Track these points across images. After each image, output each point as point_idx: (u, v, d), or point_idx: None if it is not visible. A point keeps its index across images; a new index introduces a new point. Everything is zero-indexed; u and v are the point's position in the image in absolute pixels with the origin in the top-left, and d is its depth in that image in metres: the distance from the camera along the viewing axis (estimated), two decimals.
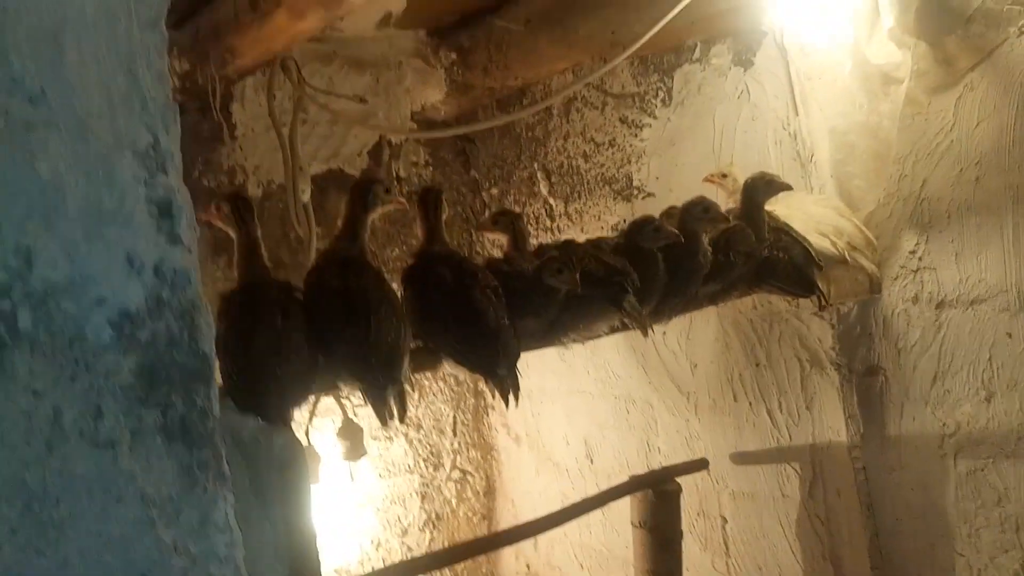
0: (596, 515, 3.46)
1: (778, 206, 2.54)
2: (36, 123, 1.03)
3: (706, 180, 2.61)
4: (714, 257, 2.09)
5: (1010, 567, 2.42)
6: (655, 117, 3.12)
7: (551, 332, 1.88)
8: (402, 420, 1.60)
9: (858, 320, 2.64)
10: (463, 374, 1.78)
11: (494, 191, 3.84)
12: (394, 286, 1.79)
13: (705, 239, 2.06)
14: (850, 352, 2.66)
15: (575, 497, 3.69)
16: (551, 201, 3.57)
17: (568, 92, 3.17)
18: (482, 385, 2.85)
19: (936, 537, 2.56)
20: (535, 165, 3.61)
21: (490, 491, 4.06)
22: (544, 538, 3.81)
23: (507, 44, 3.05)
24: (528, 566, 4.01)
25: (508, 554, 4.02)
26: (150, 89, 1.16)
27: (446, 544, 3.87)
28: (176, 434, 1.19)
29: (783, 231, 2.36)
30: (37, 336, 1.06)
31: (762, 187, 2.27)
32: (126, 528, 1.14)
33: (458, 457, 3.96)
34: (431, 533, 3.82)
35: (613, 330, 1.92)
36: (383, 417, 1.56)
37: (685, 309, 2.13)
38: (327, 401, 2.71)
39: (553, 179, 3.55)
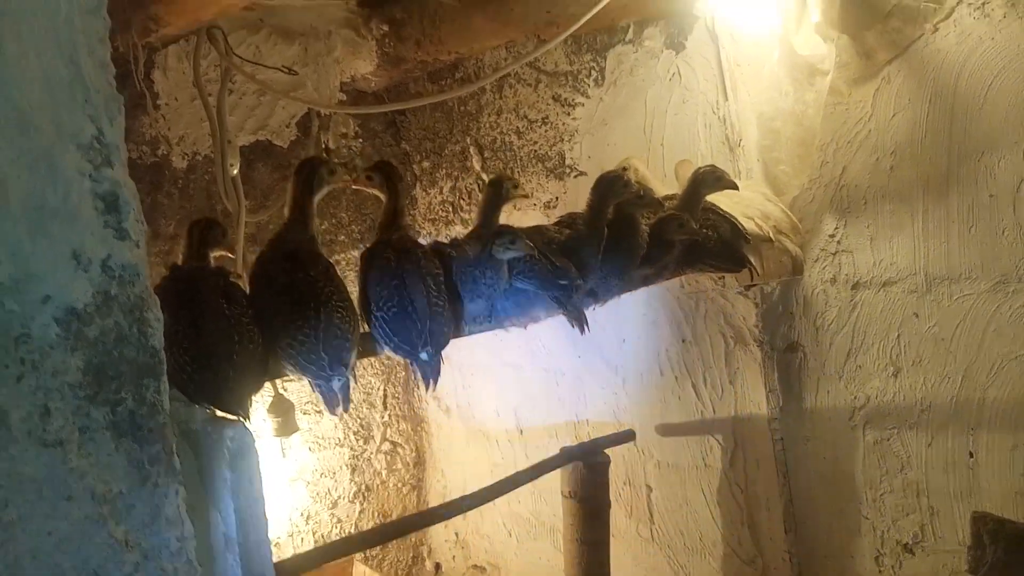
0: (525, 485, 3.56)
1: None
2: None
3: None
4: (649, 241, 2.15)
5: (910, 529, 2.62)
6: (588, 96, 3.15)
7: (492, 317, 1.91)
8: (346, 410, 1.61)
9: (780, 299, 2.77)
10: (393, 356, 1.80)
11: (425, 164, 3.82)
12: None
13: (642, 223, 2.12)
14: (772, 330, 2.80)
15: (505, 467, 3.79)
16: (484, 176, 3.58)
17: (505, 71, 3.17)
18: None
19: (845, 502, 2.74)
20: (467, 139, 3.61)
21: (420, 462, 4.10)
22: None
23: (441, 19, 3.02)
24: (457, 534, 4.08)
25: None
26: (93, 79, 1.12)
27: (376, 514, 3.90)
28: (126, 430, 1.18)
29: (710, 210, 2.43)
30: None
31: (710, 181, 2.31)
32: (77, 526, 1.13)
33: (388, 429, 3.98)
34: (361, 504, 3.84)
35: (550, 316, 1.96)
36: (331, 407, 1.57)
37: (621, 291, 2.19)
38: None
39: (486, 154, 3.56)
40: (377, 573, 3.62)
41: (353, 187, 1.85)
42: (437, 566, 4.11)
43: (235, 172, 2.90)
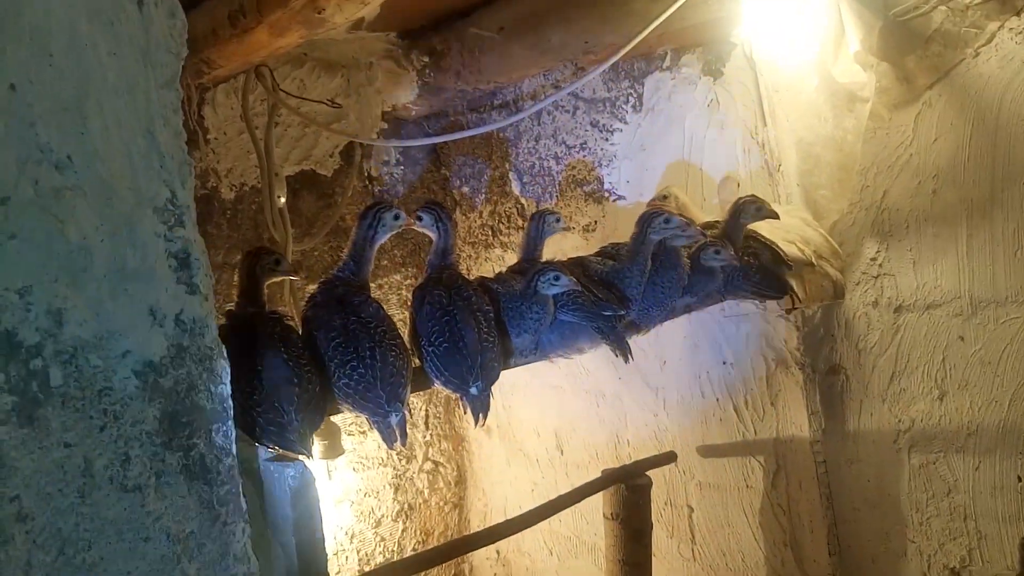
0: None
1: None
2: (64, 189, 1.06)
3: (650, 205, 2.67)
4: (691, 271, 2.19)
5: (957, 553, 2.60)
6: (626, 122, 3.19)
7: (538, 350, 1.96)
8: (403, 444, 1.66)
9: (821, 322, 2.78)
10: (444, 390, 1.85)
11: (465, 189, 3.89)
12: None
13: (684, 254, 2.15)
14: (814, 352, 2.80)
15: (545, 487, 3.82)
16: (522, 201, 3.63)
17: (544, 104, 3.22)
18: None
19: (890, 525, 2.73)
20: (506, 165, 3.67)
21: (461, 481, 4.15)
22: None
23: (480, 49, 3.08)
24: (498, 552, 4.12)
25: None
26: (167, 146, 1.19)
27: (418, 533, 3.96)
28: (198, 473, 1.24)
29: (751, 237, 2.45)
30: (68, 391, 1.10)
31: (751, 211, 2.33)
32: (154, 565, 1.20)
33: (430, 449, 4.04)
34: (404, 523, 3.90)
35: (594, 347, 2.00)
36: (390, 442, 1.63)
37: (663, 320, 2.23)
38: None
39: (525, 179, 3.61)
40: None
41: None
42: None
43: (282, 202, 2.99)
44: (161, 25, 1.19)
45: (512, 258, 3.71)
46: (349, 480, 3.63)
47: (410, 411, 1.71)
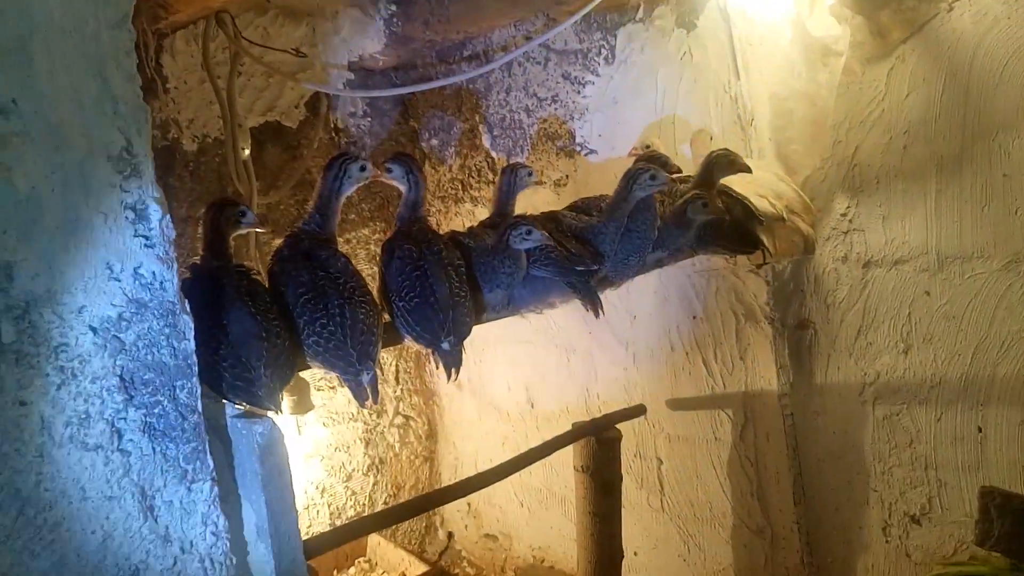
0: None
1: None
2: (9, 135, 1.01)
3: (631, 154, 2.65)
4: (664, 225, 2.17)
5: (918, 501, 2.67)
6: (598, 75, 3.14)
7: (510, 305, 1.94)
8: (375, 402, 1.64)
9: (791, 277, 2.79)
10: (415, 346, 1.82)
11: (434, 142, 3.82)
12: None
13: (658, 209, 2.13)
14: (783, 307, 2.82)
15: (516, 440, 3.85)
16: (493, 154, 3.58)
17: (515, 54, 3.15)
18: None
19: (853, 475, 2.79)
20: (476, 118, 3.60)
21: (432, 435, 4.16)
22: None
23: None
24: (469, 504, 4.16)
25: None
26: (121, 91, 1.14)
27: (389, 487, 3.98)
28: (162, 431, 1.22)
29: (723, 192, 2.44)
30: (21, 347, 1.06)
31: (723, 164, 2.31)
32: (118, 524, 1.18)
33: (400, 403, 4.03)
34: (375, 477, 3.91)
35: (566, 301, 1.99)
36: (361, 400, 1.61)
37: (635, 275, 2.21)
38: None
39: (495, 132, 3.56)
40: (391, 542, 3.70)
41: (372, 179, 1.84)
42: (450, 535, 4.19)
43: (246, 155, 2.91)
44: None
45: (483, 213, 3.68)
46: (319, 435, 3.62)
47: (381, 368, 1.68)
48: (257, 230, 1.86)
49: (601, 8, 2.97)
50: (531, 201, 3.04)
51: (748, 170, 2.33)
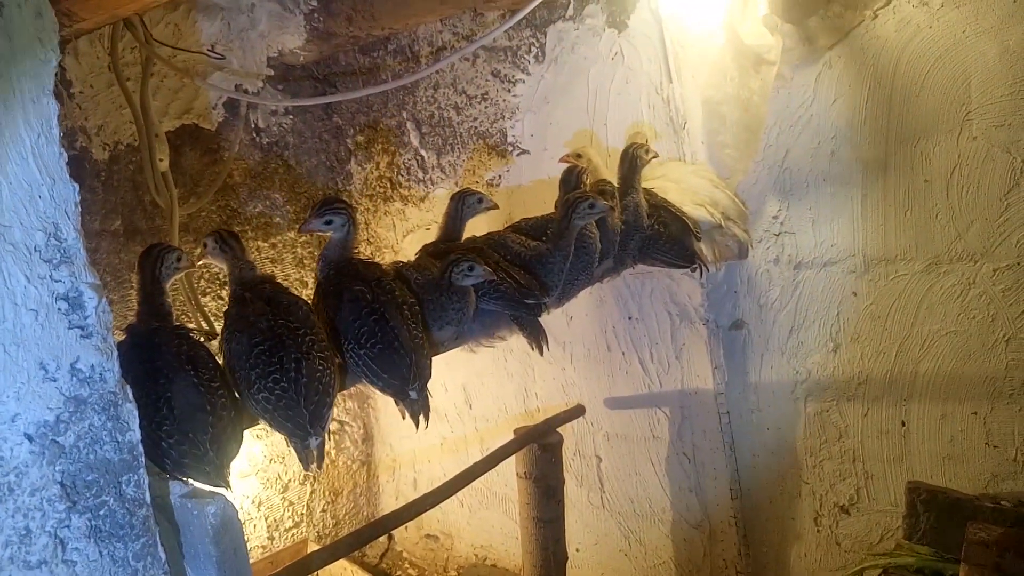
0: (475, 454, 3.61)
1: (656, 176, 2.64)
2: None
3: (562, 160, 2.61)
4: (606, 238, 2.16)
5: (846, 492, 2.78)
6: (528, 73, 3.08)
7: (459, 339, 1.89)
8: (320, 468, 1.57)
9: (725, 279, 2.84)
10: (375, 392, 1.74)
11: (360, 138, 3.70)
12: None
13: (594, 229, 2.11)
14: (717, 308, 2.87)
15: (454, 440, 3.82)
16: (423, 152, 3.49)
17: (450, 60, 3.06)
18: None
19: (786, 469, 2.89)
20: (404, 114, 3.50)
21: (368, 438, 4.10)
22: (424, 477, 3.93)
23: None
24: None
25: (388, 495, 4.12)
26: (47, 169, 1.03)
27: (326, 493, 3.90)
28: (109, 532, 1.14)
29: (662, 207, 2.45)
30: None
31: (641, 155, 2.35)
32: None
33: (335, 409, 3.94)
34: (311, 486, 3.83)
35: (514, 334, 1.96)
36: (306, 464, 1.53)
37: (584, 287, 2.21)
38: None
39: (424, 129, 3.46)
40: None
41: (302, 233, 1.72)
42: (390, 537, 4.16)
43: (165, 166, 2.75)
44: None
45: (413, 212, 3.60)
46: (253, 450, 3.51)
47: (329, 432, 1.61)
48: (191, 268, 1.71)
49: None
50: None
51: (655, 154, 2.39)
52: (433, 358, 1.88)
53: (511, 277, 1.87)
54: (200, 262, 1.69)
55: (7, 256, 1.00)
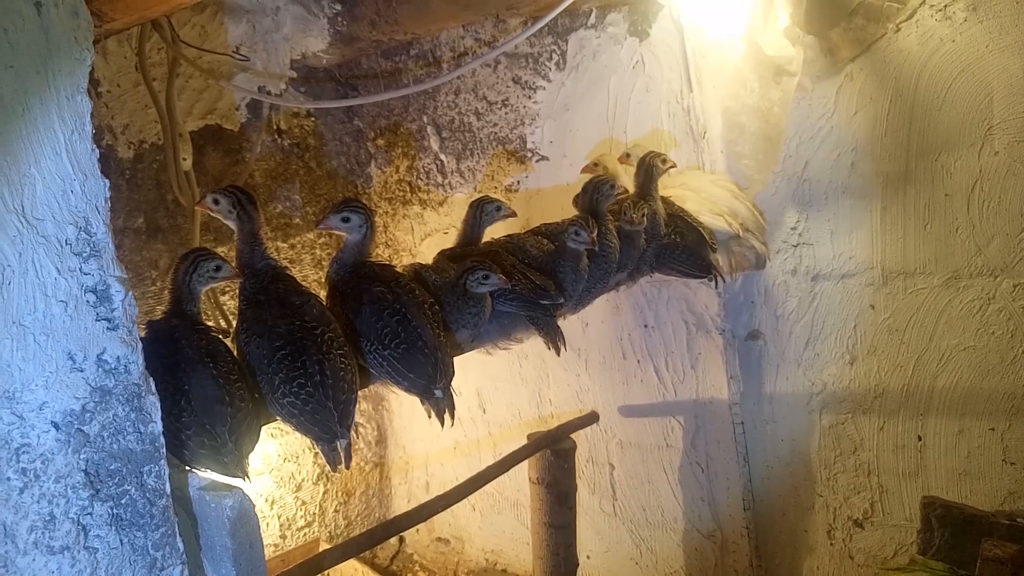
0: (487, 458, 3.61)
1: (676, 184, 2.65)
2: None
3: (584, 171, 2.62)
4: (624, 246, 2.17)
5: (861, 506, 2.77)
6: (549, 80, 3.10)
7: (476, 341, 1.90)
8: (348, 467, 1.57)
9: (742, 289, 2.83)
10: (400, 392, 1.74)
11: (380, 142, 3.73)
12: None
13: (615, 238, 2.13)
14: (734, 318, 2.86)
15: (467, 444, 3.83)
16: (442, 157, 3.51)
17: (476, 64, 3.08)
18: None
19: (800, 481, 2.88)
20: (424, 118, 3.52)
21: (382, 440, 4.12)
22: (436, 480, 3.95)
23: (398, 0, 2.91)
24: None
25: (400, 498, 4.13)
26: (80, 165, 1.05)
27: (339, 494, 3.92)
28: (130, 521, 1.16)
29: (679, 217, 2.45)
30: None
31: (659, 164, 2.35)
32: None
33: None
34: (324, 486, 3.85)
35: (531, 335, 1.97)
36: (333, 465, 1.53)
37: (600, 295, 2.22)
38: None
39: (444, 134, 3.49)
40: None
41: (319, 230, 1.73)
42: (401, 539, 4.17)
43: (188, 166, 2.78)
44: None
45: (431, 216, 3.62)
46: (268, 449, 3.53)
47: (356, 432, 1.62)
48: (233, 278, 1.68)
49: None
50: None
51: (673, 164, 2.39)
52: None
53: (526, 278, 1.88)
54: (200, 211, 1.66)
55: (39, 248, 1.02)
